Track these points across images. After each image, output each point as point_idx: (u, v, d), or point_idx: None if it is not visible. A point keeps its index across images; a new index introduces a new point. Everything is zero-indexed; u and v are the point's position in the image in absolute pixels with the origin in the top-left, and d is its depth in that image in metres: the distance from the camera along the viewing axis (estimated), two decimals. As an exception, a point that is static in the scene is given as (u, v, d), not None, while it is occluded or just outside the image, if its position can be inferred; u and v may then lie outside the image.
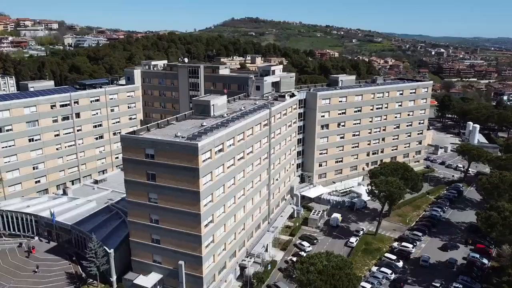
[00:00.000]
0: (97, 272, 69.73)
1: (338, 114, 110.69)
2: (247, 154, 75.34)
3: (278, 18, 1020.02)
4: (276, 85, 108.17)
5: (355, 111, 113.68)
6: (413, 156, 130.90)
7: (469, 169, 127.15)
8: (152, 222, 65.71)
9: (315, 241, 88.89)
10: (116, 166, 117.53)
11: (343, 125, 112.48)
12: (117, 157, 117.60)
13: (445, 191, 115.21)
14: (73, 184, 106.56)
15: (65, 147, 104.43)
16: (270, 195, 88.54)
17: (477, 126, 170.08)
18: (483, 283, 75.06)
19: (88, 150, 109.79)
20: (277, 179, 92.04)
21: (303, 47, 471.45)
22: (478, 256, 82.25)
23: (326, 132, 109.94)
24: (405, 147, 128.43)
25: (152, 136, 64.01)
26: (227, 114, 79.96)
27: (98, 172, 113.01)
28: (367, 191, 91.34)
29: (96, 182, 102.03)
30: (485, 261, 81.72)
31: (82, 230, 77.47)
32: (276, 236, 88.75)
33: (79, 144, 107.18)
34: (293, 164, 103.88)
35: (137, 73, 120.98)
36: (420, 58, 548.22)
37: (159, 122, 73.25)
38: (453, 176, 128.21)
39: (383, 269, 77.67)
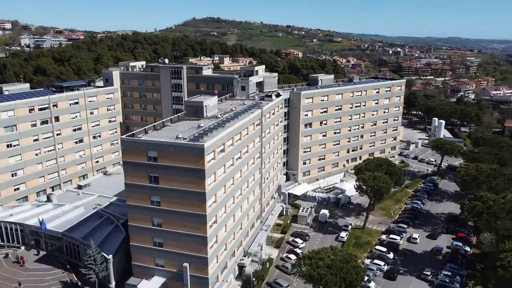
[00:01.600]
0: (97, 279, 67.99)
1: (321, 112, 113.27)
2: (244, 154, 75.95)
3: (239, 18, 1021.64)
4: (259, 85, 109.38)
5: (336, 110, 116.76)
6: (389, 152, 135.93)
7: (439, 163, 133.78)
8: (154, 225, 64.94)
9: (307, 237, 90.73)
10: (97, 171, 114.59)
11: (325, 123, 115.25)
12: (97, 161, 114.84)
13: (421, 184, 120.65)
14: (53, 190, 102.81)
15: (45, 152, 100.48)
16: (262, 194, 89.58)
17: (443, 121, 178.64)
18: (468, 269, 79.85)
19: (68, 155, 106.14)
20: (267, 178, 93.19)
21: (266, 46, 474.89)
22: (460, 244, 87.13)
23: (309, 130, 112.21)
24: (381, 143, 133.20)
25: (154, 138, 63.27)
26: (220, 115, 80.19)
27: (79, 177, 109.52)
28: (355, 186, 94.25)
29: (80, 187, 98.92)
30: (467, 248, 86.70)
31: (75, 237, 75.13)
32: (268, 234, 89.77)
33: (58, 148, 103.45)
34: (279, 163, 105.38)
35: (116, 74, 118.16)
36: (379, 57, 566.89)
37: (155, 124, 72.43)
38: (427, 170, 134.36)
39: (376, 261, 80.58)
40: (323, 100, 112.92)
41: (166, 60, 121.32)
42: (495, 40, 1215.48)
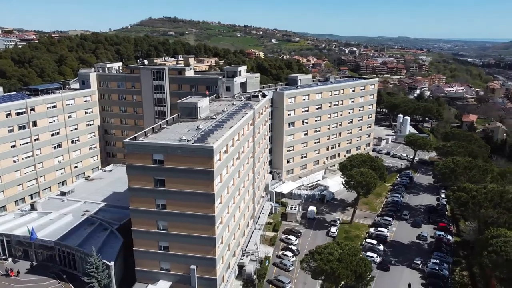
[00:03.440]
0: (99, 287, 66.12)
1: (302, 111, 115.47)
2: (241, 154, 76.51)
3: (197, 18, 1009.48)
4: (242, 85, 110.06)
5: (316, 108, 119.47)
6: (364, 148, 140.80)
7: (412, 157, 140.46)
8: (159, 229, 64.18)
9: (299, 234, 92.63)
10: (76, 176, 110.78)
11: (307, 122, 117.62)
12: (76, 167, 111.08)
13: (398, 178, 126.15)
14: (32, 198, 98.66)
15: (23, 158, 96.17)
16: (254, 193, 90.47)
17: (408, 118, 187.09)
18: (453, 256, 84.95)
19: (46, 161, 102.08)
20: (257, 177, 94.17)
21: (225, 46, 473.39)
22: (443, 233, 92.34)
23: (292, 129, 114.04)
24: (357, 140, 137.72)
25: (158, 141, 62.49)
26: (215, 116, 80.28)
27: (58, 183, 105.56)
28: (343, 182, 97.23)
29: (63, 194, 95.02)
30: (449, 237, 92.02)
31: (70, 245, 72.57)
32: (261, 233, 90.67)
33: (37, 154, 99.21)
34: (266, 162, 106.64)
35: (93, 76, 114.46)
36: (337, 56, 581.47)
37: (153, 126, 71.40)
38: (401, 164, 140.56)
39: (368, 253, 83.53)
40: (304, 100, 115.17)
41: (146, 62, 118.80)
42: (441, 40, 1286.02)
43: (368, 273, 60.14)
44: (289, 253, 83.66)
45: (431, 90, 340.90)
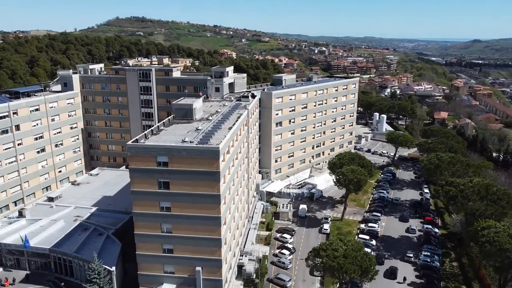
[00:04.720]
0: (101, 293, 64.84)
1: (289, 111, 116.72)
2: (238, 154, 76.84)
3: (165, 18, 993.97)
4: (230, 86, 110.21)
5: (302, 108, 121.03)
6: (346, 146, 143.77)
7: (393, 154, 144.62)
8: (163, 231, 63.55)
9: (293, 232, 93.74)
10: (60, 181, 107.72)
11: (293, 122, 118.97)
12: (60, 171, 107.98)
13: (381, 175, 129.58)
14: (16, 205, 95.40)
15: (6, 164, 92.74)
16: (248, 193, 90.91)
17: (384, 116, 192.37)
18: (442, 248, 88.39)
19: (30, 166, 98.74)
20: (250, 177, 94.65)
21: (196, 46, 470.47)
22: (430, 227, 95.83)
23: (280, 129, 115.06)
24: (340, 138, 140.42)
25: (165, 143, 61.84)
26: (211, 117, 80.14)
27: (42, 189, 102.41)
28: (334, 180, 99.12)
29: (51, 199, 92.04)
30: (436, 230, 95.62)
31: (67, 252, 70.64)
32: (257, 232, 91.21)
33: (20, 159, 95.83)
34: (256, 162, 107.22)
35: (76, 78, 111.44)
36: (308, 56, 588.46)
37: (152, 128, 70.51)
38: (383, 161, 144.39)
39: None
40: (291, 99, 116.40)
41: (130, 62, 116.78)
42: (405, 39, 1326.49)
43: (372, 267, 61.81)
44: (286, 252, 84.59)
45: (401, 88, 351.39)
